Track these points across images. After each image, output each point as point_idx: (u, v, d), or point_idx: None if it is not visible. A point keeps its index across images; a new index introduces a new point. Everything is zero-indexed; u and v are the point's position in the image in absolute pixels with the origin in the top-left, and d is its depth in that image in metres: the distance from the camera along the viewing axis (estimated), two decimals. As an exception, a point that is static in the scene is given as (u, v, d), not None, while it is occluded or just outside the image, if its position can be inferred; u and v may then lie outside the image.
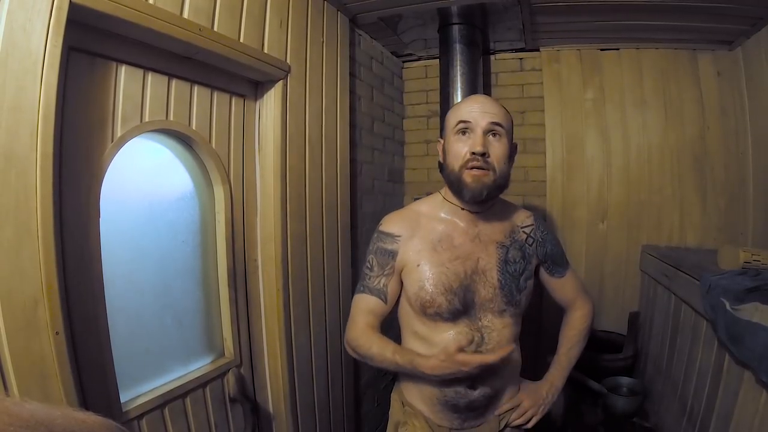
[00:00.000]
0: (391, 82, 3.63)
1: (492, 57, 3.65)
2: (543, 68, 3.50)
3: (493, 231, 1.69)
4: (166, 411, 1.71)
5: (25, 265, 1.13)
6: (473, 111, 1.57)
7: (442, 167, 1.69)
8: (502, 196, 1.72)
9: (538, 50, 3.51)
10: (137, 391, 1.66)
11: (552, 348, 1.93)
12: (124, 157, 1.58)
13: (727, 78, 3.10)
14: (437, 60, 3.31)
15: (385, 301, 1.69)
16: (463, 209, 1.68)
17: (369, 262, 1.73)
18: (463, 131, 1.57)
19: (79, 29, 1.34)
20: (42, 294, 1.16)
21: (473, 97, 1.67)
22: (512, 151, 1.64)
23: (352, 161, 2.85)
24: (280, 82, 2.14)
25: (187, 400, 1.81)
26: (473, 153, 1.53)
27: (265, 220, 2.16)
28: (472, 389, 1.61)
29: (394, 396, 1.85)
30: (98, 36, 1.43)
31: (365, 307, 1.70)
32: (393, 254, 1.68)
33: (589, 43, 3.35)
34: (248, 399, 2.06)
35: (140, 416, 1.60)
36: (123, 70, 1.54)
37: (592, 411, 2.81)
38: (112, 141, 1.51)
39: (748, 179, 3.03)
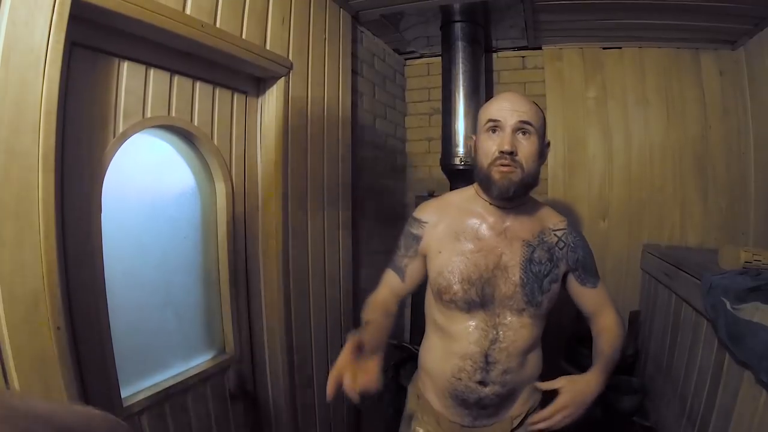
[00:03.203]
0: (393, 79, 3.62)
1: (494, 55, 3.65)
2: (545, 66, 3.50)
3: (522, 229, 1.66)
4: (167, 406, 1.72)
5: (27, 261, 1.13)
6: (503, 109, 1.56)
7: (473, 163, 1.69)
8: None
9: (540, 48, 3.51)
10: (138, 386, 1.66)
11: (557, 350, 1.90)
12: (126, 152, 1.58)
13: (729, 77, 3.10)
14: (439, 57, 3.30)
15: (403, 280, 1.79)
16: (492, 204, 1.67)
17: (399, 242, 1.82)
18: (493, 129, 1.56)
19: (81, 25, 1.34)
20: (43, 289, 1.16)
21: (504, 94, 1.63)
22: (543, 149, 1.62)
23: (354, 158, 2.84)
24: (282, 79, 2.13)
25: (188, 396, 1.82)
26: (501, 152, 1.53)
27: (267, 216, 2.16)
28: (483, 386, 1.61)
29: (410, 388, 1.88)
30: (101, 32, 1.43)
31: (387, 281, 1.84)
32: (417, 238, 1.74)
33: (592, 41, 3.34)
34: (249, 395, 2.07)
35: (141, 411, 1.61)
36: (125, 65, 1.54)
37: (592, 409, 2.81)
38: (114, 137, 1.51)
39: (749, 179, 3.02)
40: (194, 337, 1.95)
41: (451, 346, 1.64)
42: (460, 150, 3.05)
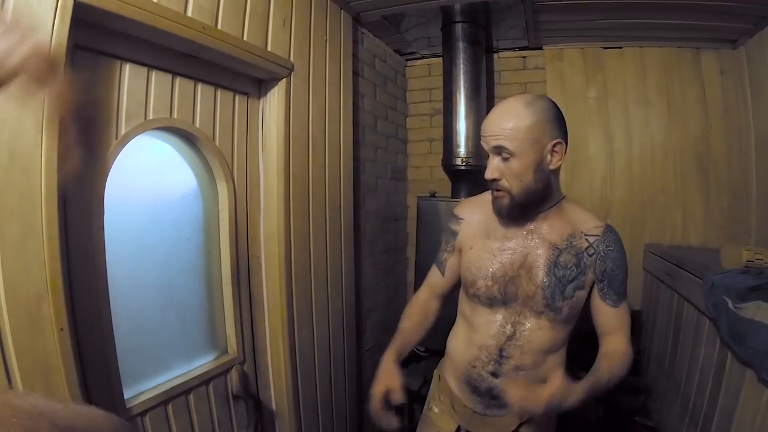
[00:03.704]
0: (394, 80, 3.63)
1: (495, 55, 3.65)
2: (546, 67, 3.50)
3: (551, 232, 1.65)
4: (170, 408, 1.72)
5: (30, 262, 1.14)
6: (484, 134, 1.56)
7: None
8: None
9: (541, 48, 3.51)
10: (141, 387, 1.66)
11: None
12: (128, 154, 1.59)
13: (730, 76, 3.09)
14: (440, 58, 3.31)
15: (443, 273, 1.85)
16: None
17: (442, 238, 1.87)
18: (487, 153, 1.58)
19: (83, 28, 1.34)
20: (46, 291, 1.17)
21: (490, 113, 1.59)
22: (537, 160, 1.54)
23: (355, 159, 2.85)
24: (284, 80, 2.14)
25: (191, 397, 1.82)
26: (486, 179, 1.56)
27: (269, 217, 2.17)
28: (495, 377, 1.65)
29: (436, 371, 1.95)
30: (103, 34, 1.44)
31: (428, 277, 1.91)
32: (455, 234, 1.80)
33: (592, 41, 3.34)
34: (251, 396, 2.07)
35: (143, 413, 1.61)
36: (127, 68, 1.55)
37: (594, 409, 2.81)
38: (116, 139, 1.52)
39: (751, 178, 3.02)
40: (197, 338, 1.95)
41: (473, 336, 1.71)
42: (462, 150, 3.05)
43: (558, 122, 1.60)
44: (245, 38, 1.90)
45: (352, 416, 2.79)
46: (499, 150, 1.52)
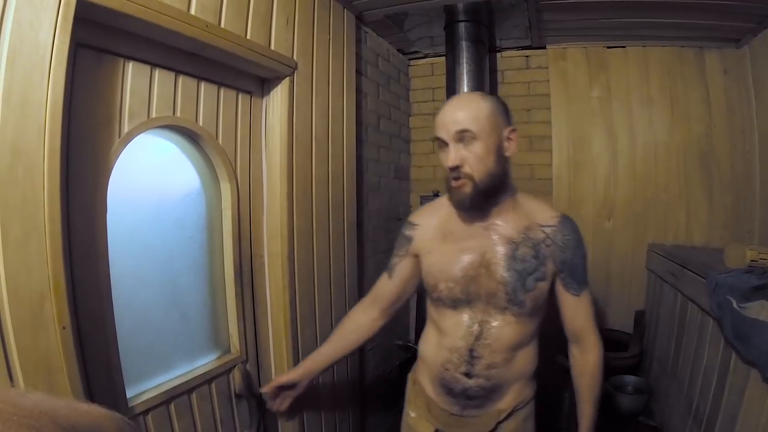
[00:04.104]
0: (397, 79, 3.63)
1: (498, 54, 3.65)
2: (549, 66, 3.50)
3: (506, 227, 1.67)
4: (172, 406, 1.72)
5: (33, 261, 1.13)
6: (442, 124, 1.58)
7: None
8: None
9: (544, 48, 3.50)
10: (143, 386, 1.66)
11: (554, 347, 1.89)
12: (131, 153, 1.58)
13: (734, 76, 3.09)
14: (443, 57, 3.30)
15: (390, 277, 1.91)
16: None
17: (395, 245, 1.92)
18: (442, 145, 1.59)
19: (86, 25, 1.34)
20: (49, 289, 1.17)
21: (445, 105, 1.63)
22: (497, 145, 1.58)
23: (359, 158, 2.85)
24: (287, 79, 2.14)
25: (193, 396, 1.82)
26: (448, 168, 1.56)
27: (272, 216, 2.17)
28: (468, 377, 1.66)
29: (410, 375, 1.97)
30: (106, 32, 1.43)
31: (375, 285, 1.99)
32: (408, 239, 1.84)
33: (596, 40, 3.34)
34: (254, 395, 2.07)
35: (146, 411, 1.61)
36: (130, 66, 1.55)
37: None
38: (119, 137, 1.51)
39: (754, 177, 3.02)
40: (199, 337, 1.95)
41: (442, 339, 1.73)
42: (465, 150, 3.04)
43: (509, 115, 1.66)
44: (248, 37, 1.89)
45: (354, 416, 2.79)
46: (462, 134, 1.54)
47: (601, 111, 3.39)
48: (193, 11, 1.63)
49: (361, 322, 1.99)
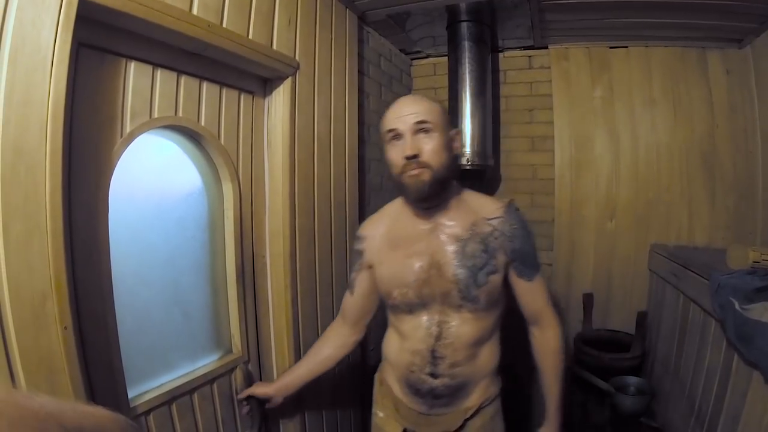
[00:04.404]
0: (399, 79, 3.62)
1: (500, 54, 3.65)
2: (552, 66, 3.49)
3: (453, 225, 1.70)
4: (174, 407, 1.72)
5: (34, 260, 1.13)
6: (398, 116, 1.60)
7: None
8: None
9: (546, 48, 3.50)
10: (145, 386, 1.66)
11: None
12: (133, 153, 1.58)
13: (736, 76, 3.08)
14: (446, 57, 3.30)
15: (352, 293, 1.93)
16: (419, 208, 1.73)
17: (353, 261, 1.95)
18: (396, 137, 1.61)
19: (88, 25, 1.34)
20: (51, 289, 1.16)
21: (397, 102, 1.67)
22: (449, 140, 1.65)
23: (361, 158, 2.85)
24: (289, 79, 2.14)
25: (195, 396, 1.82)
26: (406, 157, 1.57)
27: (274, 216, 2.17)
28: (434, 378, 1.69)
29: (376, 375, 2.00)
30: (108, 32, 1.43)
31: (343, 302, 2.01)
32: (360, 253, 1.87)
33: (598, 40, 3.34)
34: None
35: (147, 412, 1.61)
36: (132, 66, 1.54)
37: (600, 410, 2.80)
38: (121, 137, 1.51)
39: (757, 178, 3.01)
40: (201, 337, 1.95)
41: (404, 343, 1.77)
42: (467, 150, 3.04)
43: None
44: (251, 37, 1.89)
45: (355, 416, 2.79)
46: (420, 125, 1.57)
47: (603, 111, 3.39)
48: (195, 11, 1.63)
49: (333, 341, 2.03)
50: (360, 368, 2.84)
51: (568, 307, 3.47)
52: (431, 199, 1.64)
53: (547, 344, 1.79)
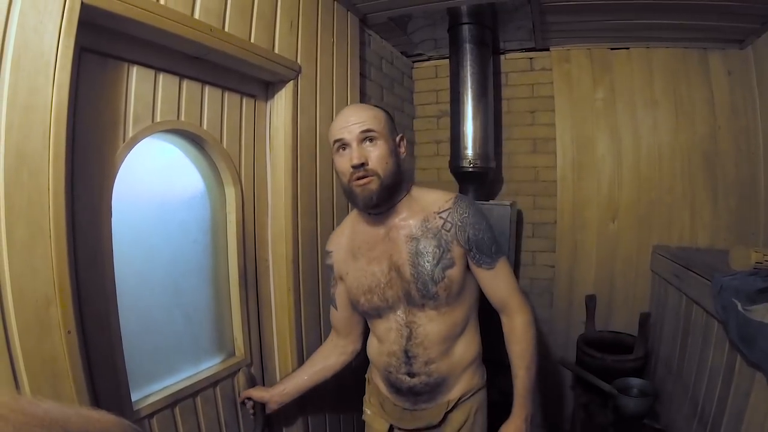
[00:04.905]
0: (401, 82, 3.63)
1: (502, 57, 3.65)
2: (553, 68, 3.50)
3: (406, 225, 1.72)
4: (177, 410, 1.72)
5: (38, 264, 1.14)
6: (343, 126, 1.63)
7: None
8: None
9: (548, 50, 3.50)
10: (148, 390, 1.67)
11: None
12: (136, 157, 1.59)
13: (737, 77, 3.08)
14: (447, 60, 3.31)
15: (336, 308, 1.99)
16: (371, 214, 1.75)
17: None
18: (342, 147, 1.65)
19: (90, 30, 1.34)
20: (54, 293, 1.17)
21: (342, 112, 1.71)
22: (395, 146, 1.70)
23: (362, 161, 2.85)
24: (291, 83, 2.14)
25: (198, 400, 1.82)
26: (353, 166, 1.60)
27: (276, 219, 2.17)
28: (411, 376, 1.75)
29: (367, 375, 2.07)
30: (110, 37, 1.44)
31: (331, 318, 2.05)
32: (331, 267, 1.94)
33: (599, 42, 3.34)
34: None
35: (151, 415, 1.61)
36: (134, 70, 1.55)
37: (603, 412, 2.79)
38: (124, 141, 1.52)
39: (759, 178, 3.01)
40: (204, 341, 1.95)
41: (381, 346, 1.84)
42: (469, 152, 3.05)
43: (395, 124, 1.79)
44: (252, 40, 1.90)
45: (358, 419, 2.78)
46: (366, 134, 1.61)
47: (605, 112, 3.39)
48: (197, 15, 1.63)
49: (332, 351, 2.07)
50: (363, 372, 2.84)
51: (570, 308, 3.47)
52: (381, 205, 1.67)
53: (513, 332, 1.77)
